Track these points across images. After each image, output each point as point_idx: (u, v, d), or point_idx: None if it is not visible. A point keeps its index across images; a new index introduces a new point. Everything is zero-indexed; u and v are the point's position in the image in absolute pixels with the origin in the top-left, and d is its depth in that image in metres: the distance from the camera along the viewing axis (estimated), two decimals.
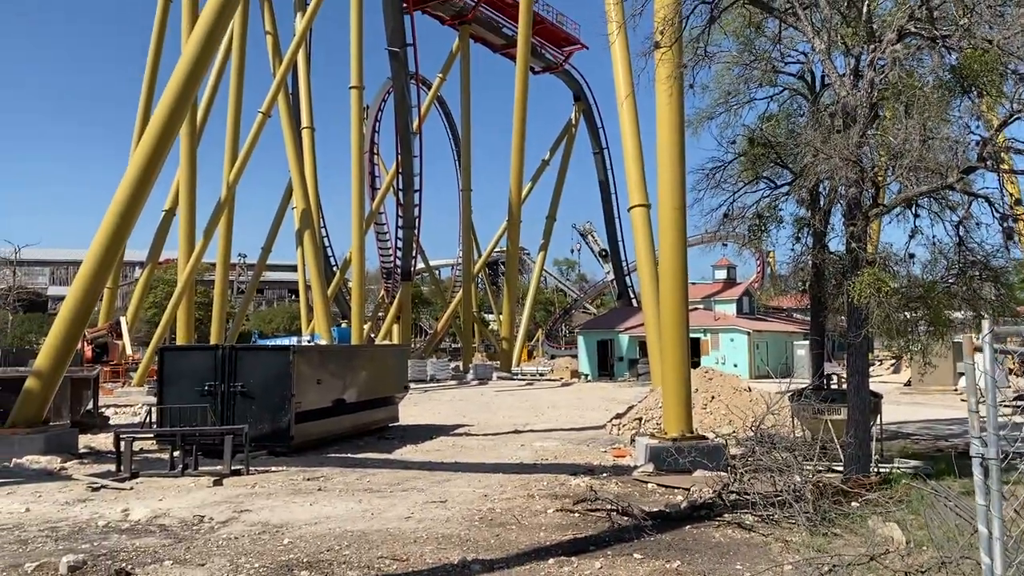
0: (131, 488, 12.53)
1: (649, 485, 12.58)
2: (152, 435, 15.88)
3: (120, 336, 42.88)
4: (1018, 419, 4.60)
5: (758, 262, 66.74)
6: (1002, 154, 11.40)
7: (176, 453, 14.12)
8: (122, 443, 13.75)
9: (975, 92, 11.53)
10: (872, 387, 13.25)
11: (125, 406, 28.13)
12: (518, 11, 48.43)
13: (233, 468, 13.75)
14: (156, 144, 16.54)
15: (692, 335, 24.59)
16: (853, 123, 11.50)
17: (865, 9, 12.02)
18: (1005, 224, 11.70)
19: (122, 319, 44.34)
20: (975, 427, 4.07)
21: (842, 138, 11.33)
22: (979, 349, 4.29)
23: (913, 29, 11.31)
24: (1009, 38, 10.06)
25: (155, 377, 19.45)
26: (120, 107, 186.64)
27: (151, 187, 16.95)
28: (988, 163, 11.18)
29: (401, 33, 45.79)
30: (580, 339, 55.55)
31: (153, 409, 16.56)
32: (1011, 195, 12.16)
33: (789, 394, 13.91)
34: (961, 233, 12.11)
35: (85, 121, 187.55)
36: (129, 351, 43.53)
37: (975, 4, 10.55)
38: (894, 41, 11.33)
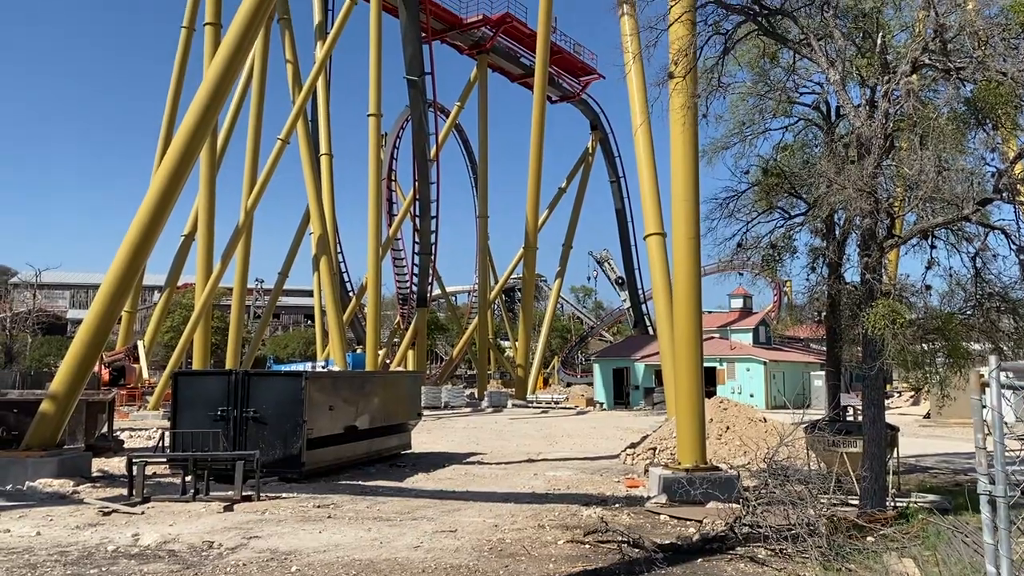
0: (142, 513, 12.53)
1: (662, 516, 12.45)
2: (165, 459, 15.92)
3: (137, 360, 43.10)
4: None
5: (775, 291, 66.42)
6: (1018, 186, 11.30)
7: (188, 478, 14.13)
8: (134, 467, 13.79)
9: (990, 124, 11.48)
10: (890, 419, 13.11)
11: (140, 430, 28.21)
12: (535, 41, 48.85)
13: (244, 494, 13.74)
14: (176, 169, 16.73)
15: (707, 364, 24.50)
16: (868, 154, 11.46)
17: (879, 41, 12.04)
18: (1022, 256, 11.57)
19: (139, 343, 44.60)
20: (982, 463, 4.00)
21: (857, 169, 11.30)
22: (986, 384, 4.24)
23: (927, 61, 11.30)
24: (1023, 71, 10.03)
25: (170, 401, 19.52)
26: (142, 134, 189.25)
27: (170, 212, 17.13)
28: (1004, 195, 11.09)
29: (420, 62, 46.25)
30: (596, 367, 55.33)
31: (166, 433, 16.60)
32: None
33: (804, 425, 13.76)
34: (978, 265, 12.00)
35: (107, 146, 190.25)
36: (146, 375, 43.73)
37: (989, 37, 10.54)
38: (908, 73, 11.32)
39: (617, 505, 13.54)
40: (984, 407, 4.22)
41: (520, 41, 55.54)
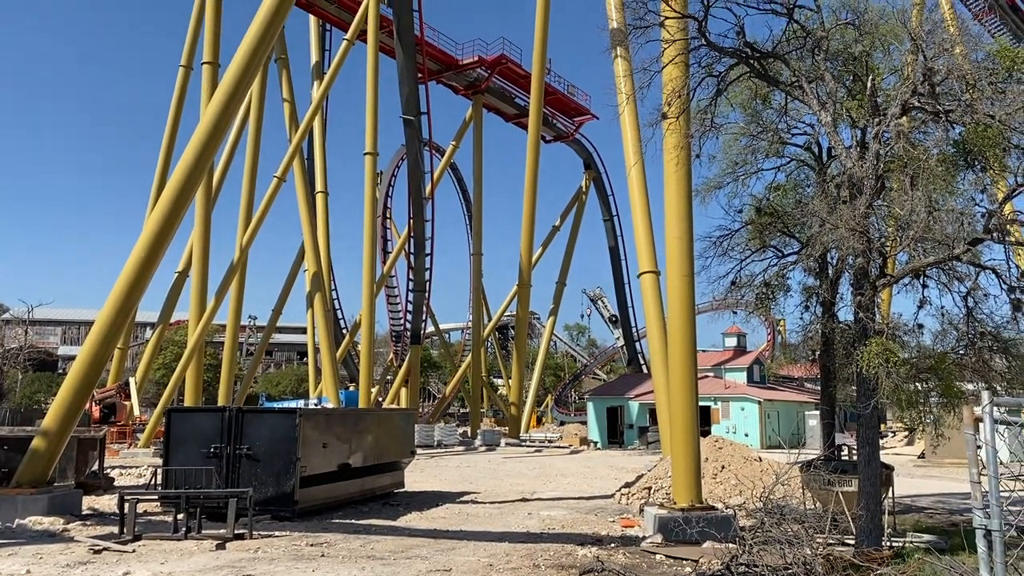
0: (133, 551, 12.40)
1: (657, 556, 12.37)
2: (157, 497, 15.77)
3: (128, 397, 42.81)
4: None
5: (768, 330, 66.56)
6: (1008, 226, 11.46)
7: (180, 516, 14.00)
8: (126, 505, 13.66)
9: (979, 165, 11.68)
10: (884, 459, 13.11)
11: (131, 467, 27.95)
12: (530, 82, 49.44)
13: (236, 532, 13.61)
14: (172, 208, 16.80)
15: (702, 403, 24.47)
16: (859, 194, 11.61)
17: (869, 84, 12.27)
18: (1013, 296, 11.70)
19: (131, 380, 44.33)
20: (977, 498, 4.02)
21: (849, 209, 11.44)
22: (980, 420, 4.28)
23: (917, 104, 11.52)
24: (1011, 114, 10.23)
25: (162, 438, 19.39)
26: (134, 172, 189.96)
27: (165, 249, 17.17)
28: (994, 235, 11.24)
29: (416, 102, 46.70)
30: (590, 405, 55.12)
31: (159, 471, 16.46)
32: (1018, 267, 12.18)
33: (799, 464, 13.74)
34: (970, 304, 12.11)
35: (100, 184, 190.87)
36: (137, 412, 43.40)
37: (977, 81, 10.76)
38: (898, 115, 11.53)
39: (613, 545, 13.45)
40: (979, 444, 4.26)
41: (515, 82, 56.20)
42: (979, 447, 4.42)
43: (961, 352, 12.21)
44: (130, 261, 16.72)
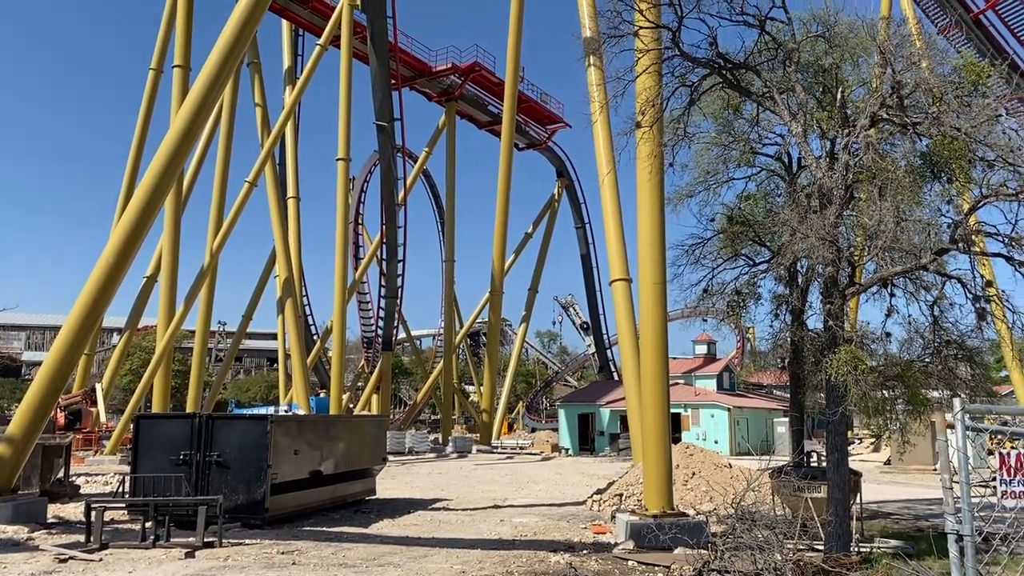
0: (100, 560, 12.21)
1: (629, 563, 12.42)
2: (124, 505, 15.55)
3: (94, 403, 42.16)
4: (1006, 502, 4.65)
5: (738, 338, 67.07)
6: (973, 236, 11.70)
7: (148, 524, 13.81)
8: (93, 512, 13.45)
9: (945, 177, 11.91)
10: (852, 465, 13.27)
11: (97, 475, 27.48)
12: (503, 90, 49.54)
13: (206, 540, 13.46)
14: (141, 213, 16.61)
15: (673, 410, 24.59)
16: (829, 204, 11.80)
17: (839, 95, 12.48)
18: (978, 305, 11.93)
19: (97, 386, 43.64)
20: (949, 503, 4.10)
21: (819, 218, 11.62)
22: (952, 426, 4.37)
23: (885, 116, 11.74)
24: (976, 127, 10.46)
25: (129, 445, 19.12)
26: (102, 175, 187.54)
27: (135, 254, 16.96)
28: (960, 245, 11.47)
29: (389, 108, 46.61)
30: (561, 412, 55.21)
31: (126, 478, 16.23)
32: (983, 277, 12.42)
33: (769, 471, 13.88)
34: (936, 313, 12.33)
35: (66, 187, 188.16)
36: (103, 418, 42.73)
37: (943, 94, 10.99)
38: (867, 126, 11.74)
39: (585, 551, 13.49)
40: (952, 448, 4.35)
41: (488, 89, 56.30)
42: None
43: (927, 360, 12.42)
44: (98, 266, 16.50)
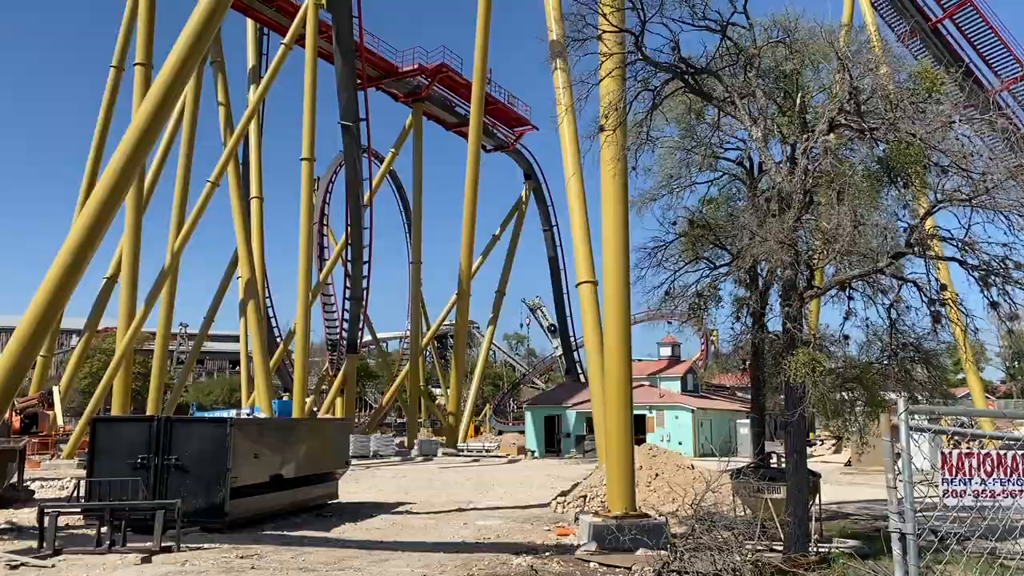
0: (53, 566, 11.98)
1: (591, 564, 12.46)
2: (79, 510, 15.26)
3: (51, 406, 41.36)
4: (947, 501, 4.73)
5: (702, 340, 67.65)
6: (928, 241, 11.91)
7: (104, 529, 13.57)
8: (46, 518, 13.17)
9: (902, 182, 12.11)
10: (813, 467, 13.45)
11: (53, 479, 26.96)
12: (471, 91, 49.50)
13: (163, 545, 13.26)
14: (100, 211, 16.29)
15: (637, 412, 24.72)
16: (788, 208, 11.93)
17: (799, 101, 12.63)
18: (933, 308, 12.13)
19: (55, 388, 42.82)
20: (893, 503, 4.17)
21: (778, 222, 11.74)
22: (896, 427, 4.44)
23: (843, 121, 11.89)
24: (931, 133, 10.65)
25: (86, 449, 18.79)
26: (59, 174, 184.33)
27: (92, 254, 16.63)
28: (916, 249, 11.65)
29: (355, 108, 46.34)
30: (528, 415, 55.27)
31: (82, 483, 15.93)
32: (938, 280, 12.65)
33: (730, 472, 13.99)
34: (893, 316, 12.51)
35: (23, 185, 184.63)
36: (60, 422, 41.92)
37: (899, 101, 11.17)
38: (826, 132, 11.89)
39: (548, 553, 13.50)
40: (897, 450, 4.42)
41: (455, 91, 56.22)
42: (898, 454, 4.59)
43: (885, 362, 12.61)
44: (54, 266, 16.16)
